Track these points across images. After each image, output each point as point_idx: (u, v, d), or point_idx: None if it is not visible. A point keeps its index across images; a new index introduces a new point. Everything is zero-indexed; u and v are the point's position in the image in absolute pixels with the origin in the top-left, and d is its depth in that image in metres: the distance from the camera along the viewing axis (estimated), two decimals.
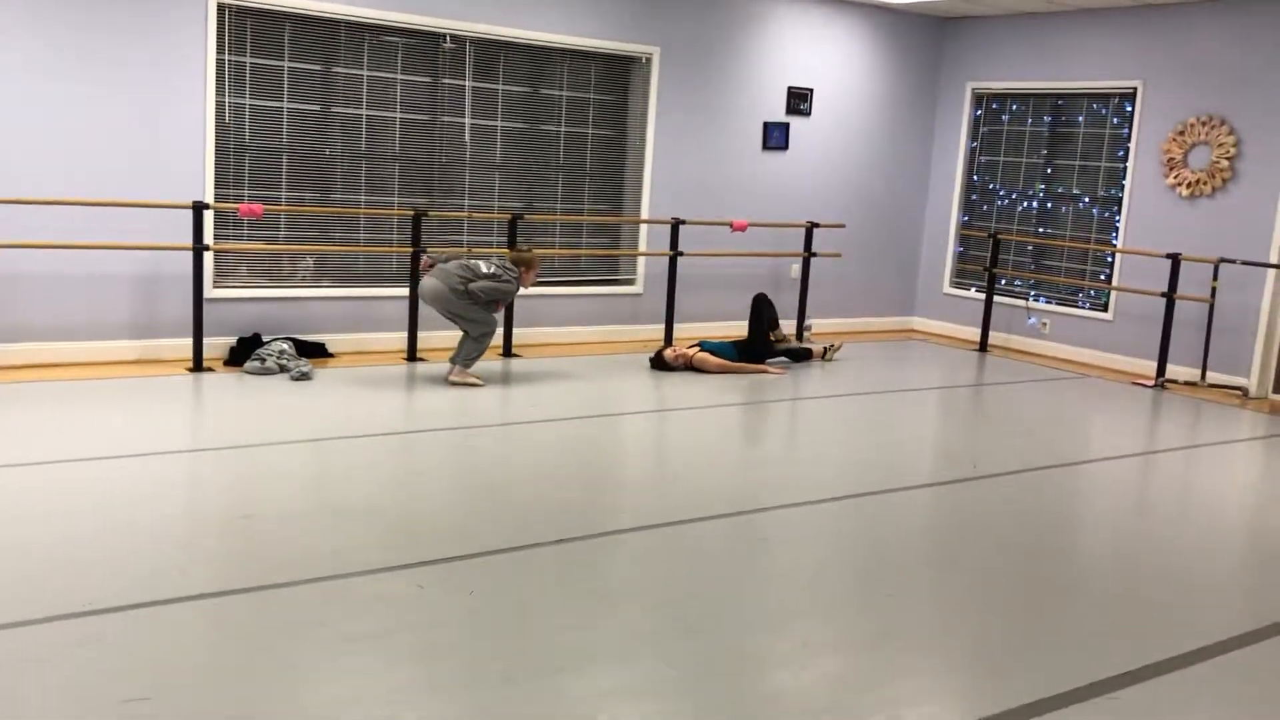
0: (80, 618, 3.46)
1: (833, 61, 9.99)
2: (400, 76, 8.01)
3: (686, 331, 9.39)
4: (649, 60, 9.00)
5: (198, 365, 7.05)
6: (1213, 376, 8.66)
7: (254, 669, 3.23)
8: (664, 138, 9.13)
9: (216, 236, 7.37)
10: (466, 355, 7.17)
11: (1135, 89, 9.22)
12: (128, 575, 3.82)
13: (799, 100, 9.84)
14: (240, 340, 7.39)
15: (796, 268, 9.94)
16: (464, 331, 7.18)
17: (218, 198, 7.34)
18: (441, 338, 8.22)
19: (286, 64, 7.55)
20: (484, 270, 7.05)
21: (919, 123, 10.71)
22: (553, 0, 8.45)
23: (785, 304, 10.00)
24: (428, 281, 7.04)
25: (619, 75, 9.03)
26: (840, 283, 10.39)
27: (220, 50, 7.25)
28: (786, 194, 9.90)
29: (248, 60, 7.40)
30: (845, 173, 10.28)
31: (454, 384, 7.13)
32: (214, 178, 7.31)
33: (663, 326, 9.12)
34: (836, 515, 5.02)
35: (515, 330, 8.34)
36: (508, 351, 8.22)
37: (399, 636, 3.49)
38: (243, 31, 7.34)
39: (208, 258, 7.23)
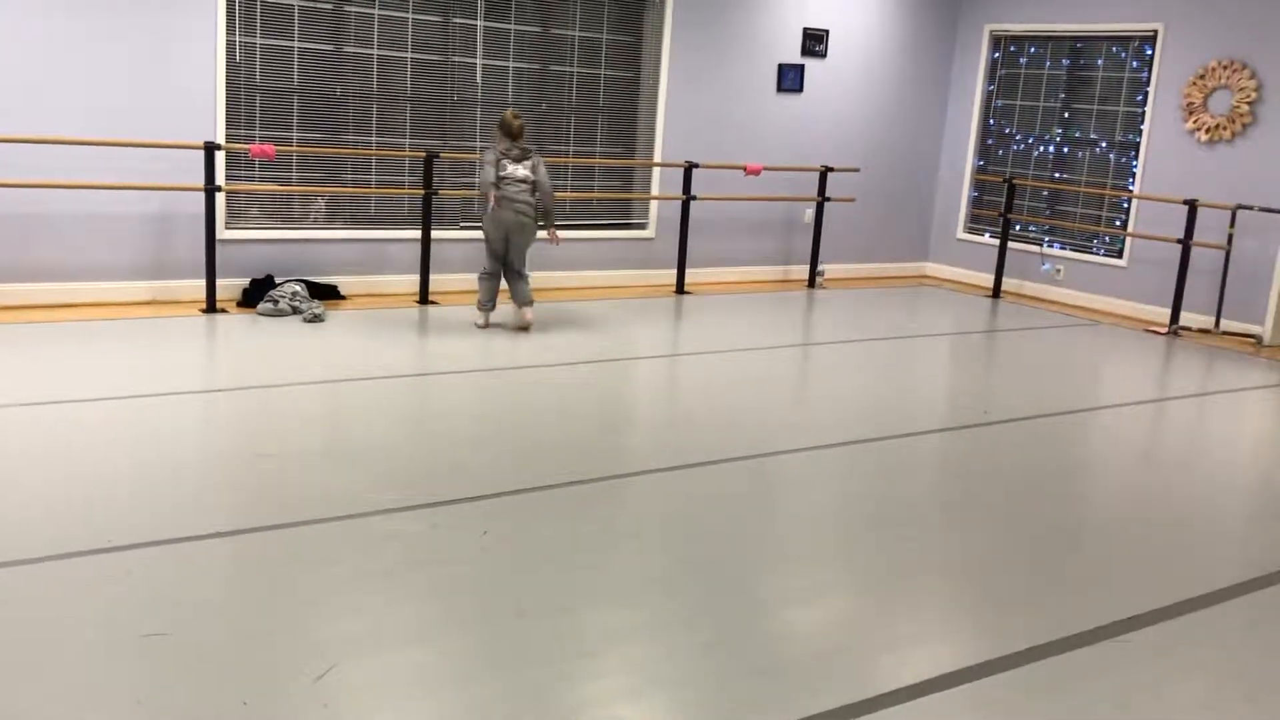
0: (100, 554, 3.51)
1: (849, 2, 9.85)
2: (412, 16, 7.93)
3: (698, 276, 9.37)
4: (663, 1, 8.87)
5: (211, 307, 7.07)
6: (1227, 324, 8.62)
7: (271, 605, 3.28)
8: (677, 79, 9.04)
9: (228, 177, 7.35)
10: (528, 292, 7.22)
11: (1155, 32, 9.08)
12: (146, 513, 3.87)
13: (815, 42, 9.71)
14: (253, 282, 7.40)
15: (810, 212, 9.89)
16: (515, 269, 7.16)
17: (229, 138, 7.31)
18: (455, 281, 8.22)
19: (297, 2, 7.47)
20: (541, 173, 7.04)
21: (935, 66, 10.57)
22: None
23: (799, 249, 9.97)
24: (505, 215, 6.96)
25: (632, 15, 8.91)
26: (854, 228, 10.32)
27: None
28: (801, 137, 9.81)
29: None
30: (860, 116, 10.18)
31: (522, 328, 7.17)
32: (225, 118, 7.27)
33: (675, 271, 9.10)
34: (849, 459, 5.04)
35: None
36: None
37: (413, 574, 3.54)
38: None
39: (220, 198, 7.21)
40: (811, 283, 9.82)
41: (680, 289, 9.04)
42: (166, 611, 3.18)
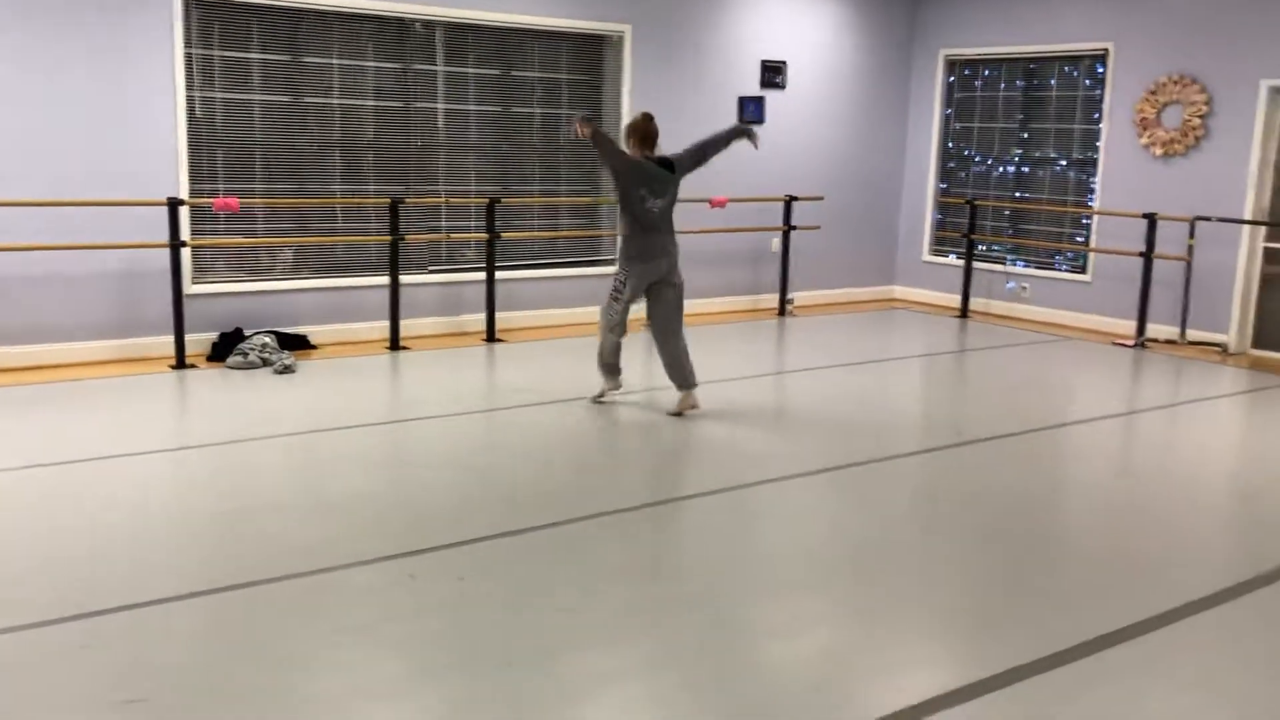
0: (74, 621, 3.46)
1: (805, 33, 9.97)
2: (371, 64, 7.96)
3: None
4: (620, 38, 8.96)
5: (180, 363, 7.03)
6: (1192, 334, 8.72)
7: (250, 664, 3.24)
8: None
9: (193, 232, 7.32)
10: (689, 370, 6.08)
11: (1106, 50, 9.24)
12: (120, 576, 3.82)
13: (773, 73, 9.82)
14: (222, 335, 7.36)
15: (777, 242, 9.95)
16: (666, 334, 6.14)
17: (193, 193, 7.29)
18: (425, 325, 8.21)
19: (255, 56, 7.49)
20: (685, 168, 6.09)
21: (893, 92, 10.70)
22: None
23: (768, 278, 10.02)
24: (663, 247, 5.96)
25: (591, 54, 8.99)
26: (821, 255, 10.39)
27: (188, 44, 7.18)
28: (764, 168, 9.88)
29: (216, 53, 7.34)
30: (822, 144, 10.28)
31: (683, 413, 6.10)
32: (188, 173, 7.26)
33: (644, 305, 9.10)
34: (827, 486, 5.05)
35: (498, 314, 8.32)
36: (491, 336, 8.21)
37: (392, 626, 3.50)
38: (209, 24, 7.28)
39: (185, 253, 7.18)
40: (782, 311, 9.87)
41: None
42: (143, 676, 3.13)
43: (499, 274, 8.33)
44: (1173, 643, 3.54)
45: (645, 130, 5.96)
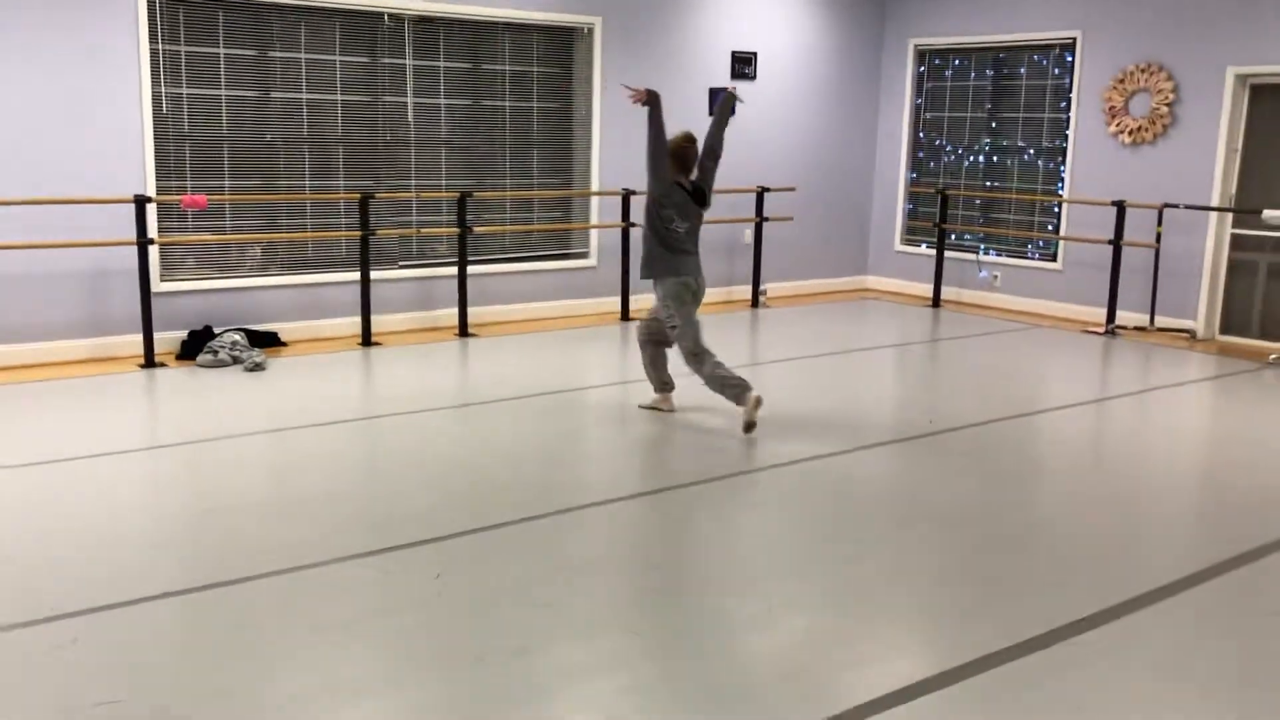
0: (48, 623, 3.43)
1: (775, 24, 9.98)
2: (339, 58, 7.90)
3: (644, 302, 9.39)
4: (590, 30, 8.93)
5: (149, 361, 6.97)
6: (1161, 320, 8.81)
7: (225, 664, 3.22)
8: (610, 108, 9.09)
9: (161, 229, 7.26)
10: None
11: (1074, 39, 9.29)
12: (93, 577, 3.79)
13: (743, 64, 9.82)
14: (191, 333, 7.30)
15: (749, 233, 9.96)
16: (661, 345, 6.02)
17: (160, 190, 7.22)
18: (396, 321, 8.18)
19: (222, 51, 7.42)
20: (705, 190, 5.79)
21: (864, 82, 10.73)
22: None
23: (741, 269, 10.03)
24: (690, 268, 5.77)
25: (561, 47, 8.96)
26: (794, 245, 10.42)
27: (153, 40, 7.11)
28: (736, 159, 9.84)
29: (182, 49, 7.27)
30: (793, 135, 10.29)
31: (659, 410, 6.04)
32: (155, 170, 7.19)
33: (619, 299, 9.12)
34: (800, 477, 5.07)
35: (470, 309, 8.30)
36: (464, 331, 8.19)
37: (367, 623, 3.49)
38: (175, 20, 7.20)
39: (153, 251, 7.12)
40: (755, 302, 9.88)
41: (625, 316, 9.06)
42: (118, 678, 3.11)
43: (471, 268, 8.30)
44: (1143, 628, 3.58)
45: (684, 153, 5.69)
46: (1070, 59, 9.38)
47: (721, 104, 6.02)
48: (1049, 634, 3.47)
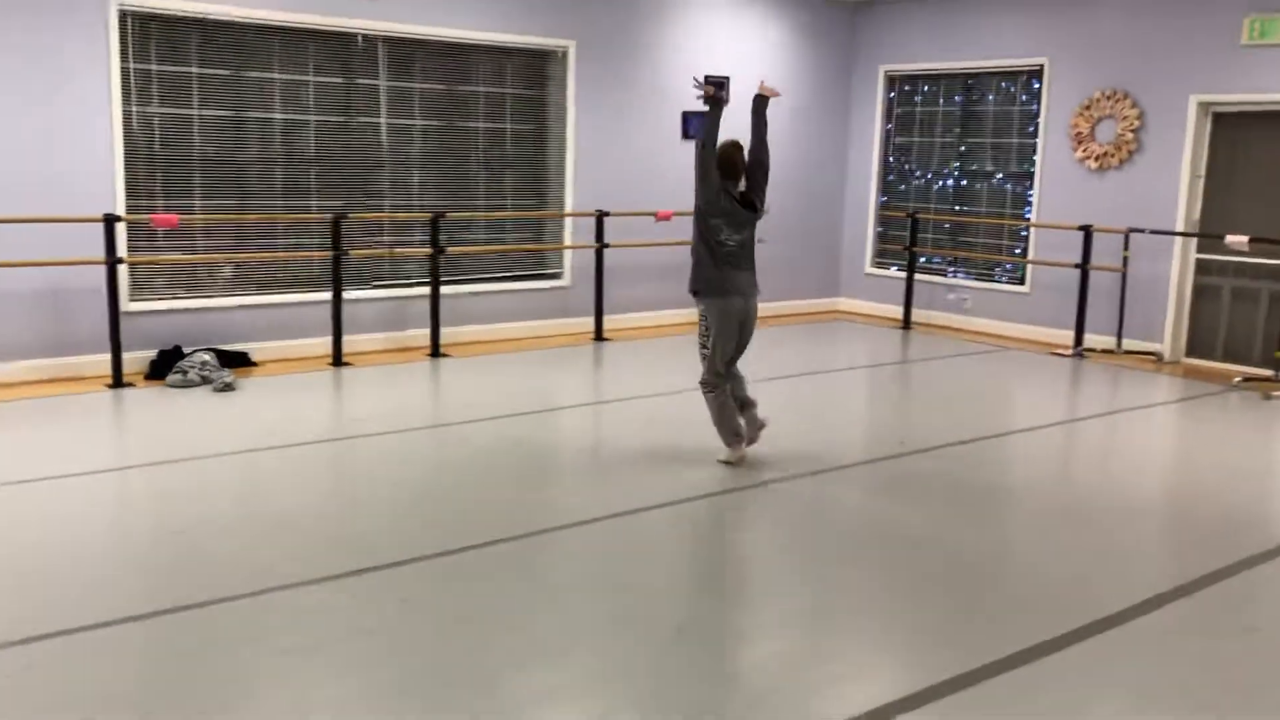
0: (14, 646, 3.38)
1: (749, 49, 10.06)
2: (313, 78, 7.90)
3: (616, 322, 9.41)
4: (565, 54, 8.98)
5: (117, 381, 6.90)
6: (1128, 343, 8.90)
7: (192, 688, 3.19)
8: (584, 131, 9.12)
9: (131, 249, 7.21)
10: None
11: (1041, 66, 9.42)
12: (60, 599, 3.74)
13: (717, 88, 9.83)
14: (161, 353, 7.25)
15: None
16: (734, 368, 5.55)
17: (130, 209, 7.18)
18: (368, 341, 8.15)
19: (195, 70, 7.40)
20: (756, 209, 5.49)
21: (835, 107, 10.83)
22: None
23: None
24: (735, 303, 5.42)
25: (536, 70, 8.99)
26: (765, 267, 10.33)
27: (125, 59, 7.08)
28: None
29: (154, 68, 7.24)
30: None
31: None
32: (125, 189, 7.15)
33: (593, 318, 9.12)
34: (772, 498, 5.08)
35: (443, 330, 8.28)
36: (436, 352, 8.17)
37: (335, 647, 3.47)
38: (146, 39, 7.18)
39: (122, 271, 7.07)
40: None
41: (599, 336, 9.07)
42: (84, 701, 3.07)
43: (444, 289, 8.29)
44: (1112, 648, 3.60)
45: (731, 160, 5.36)
46: (1038, 85, 9.51)
47: (753, 109, 5.59)
48: (1017, 655, 3.49)
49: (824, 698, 3.23)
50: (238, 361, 7.47)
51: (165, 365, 7.10)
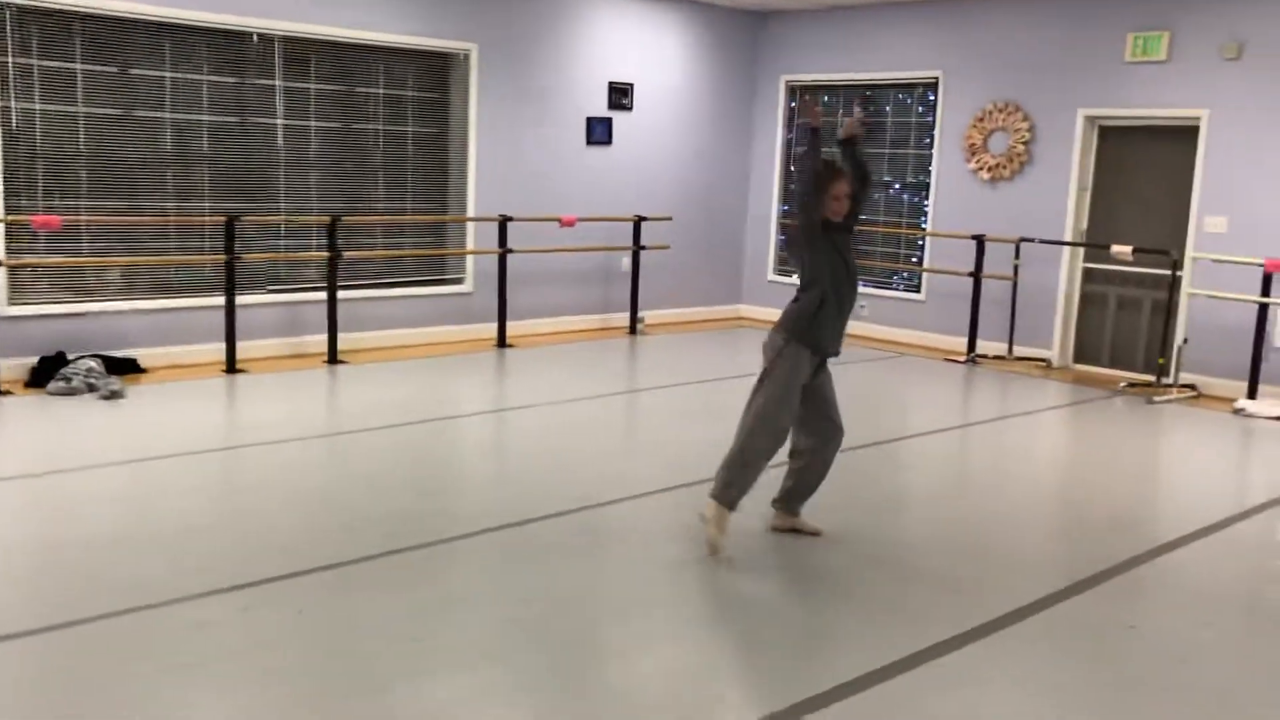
0: None
1: (652, 56, 10.10)
2: (206, 77, 7.68)
3: (519, 328, 9.34)
4: (467, 57, 8.89)
5: None
6: (1019, 350, 9.16)
7: (74, 708, 3.06)
8: (487, 135, 9.05)
9: (10, 250, 6.91)
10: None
11: (937, 78, 9.65)
12: None
13: (620, 95, 9.90)
14: (42, 360, 6.96)
15: (627, 261, 10.02)
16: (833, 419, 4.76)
17: (10, 209, 6.89)
18: (263, 347, 7.95)
19: (79, 66, 7.14)
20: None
21: (738, 115, 10.93)
22: None
23: (618, 296, 10.07)
24: (825, 335, 4.64)
25: (437, 72, 8.89)
26: (670, 274, 10.52)
27: (4, 53, 6.80)
28: (613, 188, 9.95)
29: (35, 62, 6.96)
30: (669, 166, 10.41)
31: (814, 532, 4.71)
32: (4, 188, 6.85)
33: (495, 325, 9.05)
34: (675, 504, 5.09)
35: (340, 336, 8.12)
36: (333, 358, 8.00)
37: (225, 664, 3.36)
38: (27, 32, 6.90)
39: (0, 273, 6.77)
40: (633, 329, 9.93)
41: (502, 342, 8.99)
42: None
43: (341, 293, 8.13)
44: (1001, 649, 3.69)
45: (835, 188, 4.72)
46: (933, 98, 9.73)
47: (844, 155, 4.97)
48: (913, 656, 3.55)
49: (724, 705, 3.23)
50: (126, 368, 7.22)
51: (47, 372, 6.83)
